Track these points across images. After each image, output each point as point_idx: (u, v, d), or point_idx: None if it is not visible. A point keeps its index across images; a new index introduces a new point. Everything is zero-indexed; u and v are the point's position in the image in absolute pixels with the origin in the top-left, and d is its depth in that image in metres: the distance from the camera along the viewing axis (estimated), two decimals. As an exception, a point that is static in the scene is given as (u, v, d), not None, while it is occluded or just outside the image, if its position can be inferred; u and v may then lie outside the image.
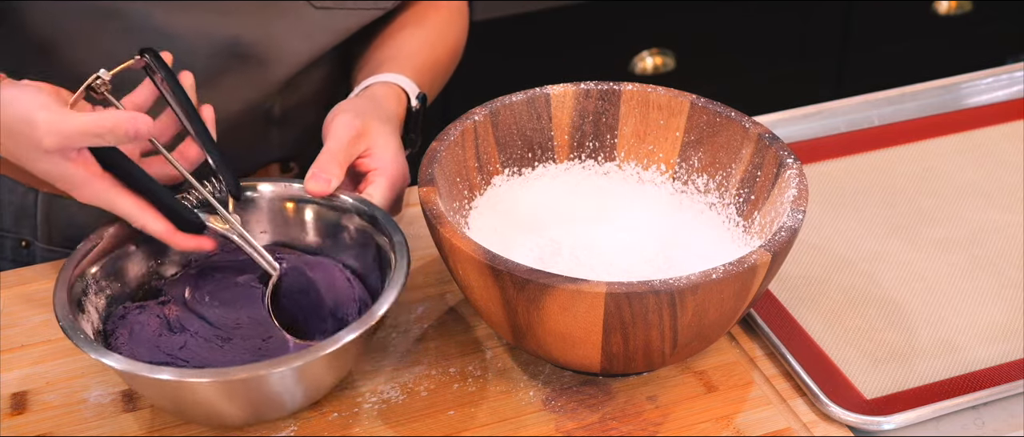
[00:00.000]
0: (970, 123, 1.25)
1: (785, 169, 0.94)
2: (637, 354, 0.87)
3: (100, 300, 0.92)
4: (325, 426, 0.90)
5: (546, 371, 0.95)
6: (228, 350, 0.91)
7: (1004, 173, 1.18)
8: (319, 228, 0.99)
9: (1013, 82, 1.30)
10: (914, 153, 1.21)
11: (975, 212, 1.13)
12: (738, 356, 0.97)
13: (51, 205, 1.15)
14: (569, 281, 0.82)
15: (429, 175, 0.92)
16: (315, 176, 0.96)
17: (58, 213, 1.15)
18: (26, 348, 0.97)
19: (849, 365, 0.96)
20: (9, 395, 0.93)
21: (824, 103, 1.25)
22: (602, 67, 2.09)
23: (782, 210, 0.92)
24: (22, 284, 1.03)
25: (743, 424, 0.91)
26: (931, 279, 1.05)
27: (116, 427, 0.90)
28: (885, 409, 0.91)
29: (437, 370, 0.95)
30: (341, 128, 0.98)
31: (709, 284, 0.83)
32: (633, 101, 1.02)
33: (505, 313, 0.87)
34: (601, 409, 0.92)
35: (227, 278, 0.96)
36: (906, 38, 2.35)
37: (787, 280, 1.04)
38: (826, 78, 2.34)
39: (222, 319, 0.94)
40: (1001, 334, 0.99)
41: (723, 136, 0.99)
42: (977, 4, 2.34)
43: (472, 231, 0.97)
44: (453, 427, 0.90)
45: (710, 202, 1.01)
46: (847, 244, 1.09)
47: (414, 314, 1.00)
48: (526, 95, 1.01)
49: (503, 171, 1.02)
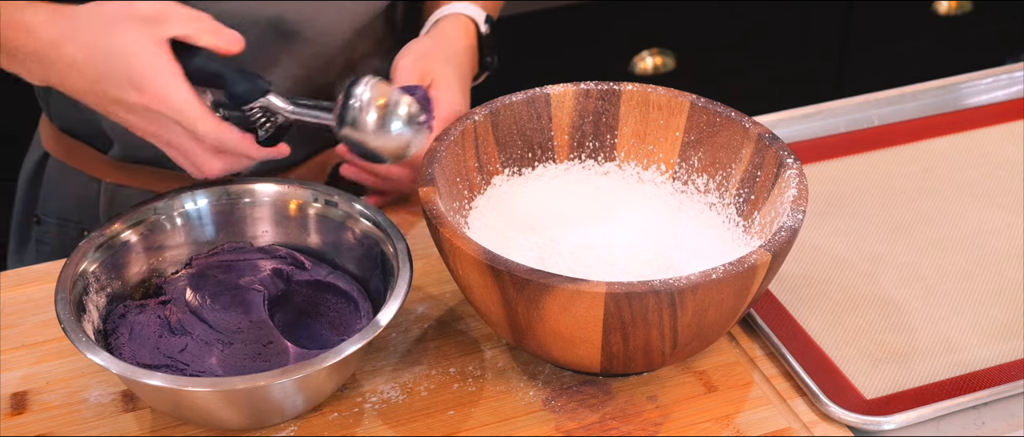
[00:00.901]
0: (970, 123, 1.25)
1: (785, 169, 0.94)
2: (637, 354, 0.87)
3: (101, 299, 0.92)
4: (325, 426, 0.90)
5: (546, 371, 0.95)
6: (228, 354, 0.91)
7: (1004, 173, 1.18)
8: (321, 230, 0.99)
9: (1013, 82, 1.30)
10: (914, 153, 1.21)
11: (975, 212, 1.13)
12: (738, 356, 0.97)
13: (114, 194, 1.16)
14: (569, 281, 0.82)
15: (429, 175, 0.92)
16: None
17: (120, 202, 1.17)
18: (26, 348, 0.97)
19: (849, 365, 0.96)
20: (9, 395, 0.93)
21: (824, 103, 1.25)
22: (602, 67, 2.09)
23: (782, 210, 0.92)
24: (22, 284, 1.03)
25: (743, 424, 0.91)
26: (931, 279, 1.05)
27: (116, 427, 0.90)
28: (885, 409, 0.91)
29: (437, 370, 0.95)
30: (403, 72, 1.03)
31: (709, 284, 0.83)
32: (633, 101, 1.02)
33: (505, 313, 0.87)
34: (601, 409, 0.92)
35: (228, 280, 0.96)
36: (906, 38, 2.34)
37: (787, 280, 1.04)
38: (826, 78, 2.34)
39: (223, 323, 0.93)
40: (1001, 334, 0.99)
41: (723, 136, 0.99)
42: (977, 4, 2.34)
43: (472, 231, 0.97)
44: (453, 427, 0.90)
45: (710, 202, 1.01)
46: (847, 244, 1.09)
47: (414, 314, 1.00)
48: (526, 95, 1.01)
49: (503, 171, 1.02)
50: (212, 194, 0.98)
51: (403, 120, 0.91)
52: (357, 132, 0.91)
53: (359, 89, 0.90)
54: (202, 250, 0.98)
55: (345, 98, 0.90)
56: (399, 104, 0.91)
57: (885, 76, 1.85)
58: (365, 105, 0.90)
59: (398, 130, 0.91)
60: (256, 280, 0.95)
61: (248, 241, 0.99)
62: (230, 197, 0.99)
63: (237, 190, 0.99)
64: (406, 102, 0.91)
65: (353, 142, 0.91)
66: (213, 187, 0.98)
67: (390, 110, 0.90)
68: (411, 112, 0.91)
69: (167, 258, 0.98)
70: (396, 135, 0.91)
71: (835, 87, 2.32)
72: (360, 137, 0.91)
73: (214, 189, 0.98)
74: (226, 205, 0.99)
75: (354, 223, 0.97)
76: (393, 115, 0.90)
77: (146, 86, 0.90)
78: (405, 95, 0.91)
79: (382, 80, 0.92)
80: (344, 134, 0.91)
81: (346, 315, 0.95)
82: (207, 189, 0.98)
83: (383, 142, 0.91)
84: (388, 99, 0.90)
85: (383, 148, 0.91)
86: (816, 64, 2.32)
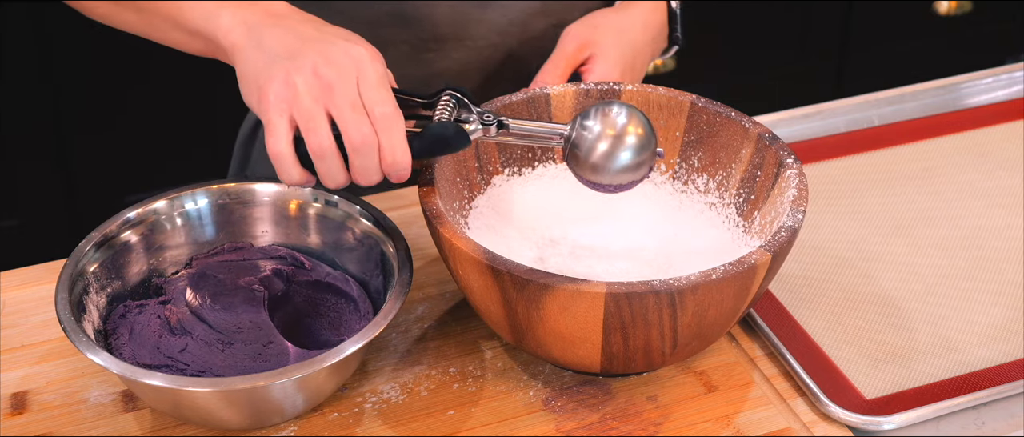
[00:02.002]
0: (970, 123, 1.25)
1: (785, 169, 0.94)
2: (637, 354, 0.87)
3: (101, 299, 0.92)
4: (325, 426, 0.90)
5: (546, 371, 0.95)
6: (229, 355, 0.91)
7: (1004, 173, 1.18)
8: (321, 230, 0.99)
9: (1013, 82, 1.30)
10: (914, 153, 1.21)
11: (975, 212, 1.13)
12: (738, 356, 0.97)
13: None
14: (569, 281, 0.82)
15: (429, 175, 0.92)
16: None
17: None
18: (26, 348, 0.97)
19: (849, 365, 0.96)
20: (9, 395, 0.93)
21: (824, 103, 1.25)
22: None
23: (782, 210, 0.92)
24: (22, 284, 1.03)
25: (743, 424, 0.91)
26: (931, 279, 1.05)
27: (116, 427, 0.90)
28: (885, 409, 0.91)
29: (437, 370, 0.95)
30: (567, 38, 1.04)
31: (709, 284, 0.83)
32: (633, 101, 1.01)
33: (505, 313, 0.87)
34: (601, 409, 0.92)
35: (228, 280, 0.96)
36: (906, 38, 2.35)
37: (787, 280, 1.04)
38: (826, 78, 2.34)
39: (223, 323, 0.94)
40: (1001, 334, 0.99)
41: (723, 136, 0.99)
42: (977, 4, 2.34)
43: (472, 231, 0.97)
44: (453, 427, 0.90)
45: (710, 202, 1.01)
46: (847, 244, 1.09)
47: (414, 314, 1.00)
48: (526, 95, 1.01)
49: (503, 171, 1.02)
50: (212, 194, 0.98)
51: (632, 151, 0.89)
52: (582, 166, 0.90)
53: (590, 122, 0.89)
54: (202, 250, 0.98)
55: (578, 129, 0.90)
56: (627, 136, 0.89)
57: (885, 76, 1.85)
58: (596, 137, 0.89)
59: (624, 164, 0.89)
60: (256, 280, 0.95)
61: (248, 241, 0.99)
62: (230, 197, 0.99)
63: (237, 190, 0.99)
64: (635, 134, 0.89)
65: (579, 173, 0.91)
66: (220, 186, 0.98)
67: (619, 143, 0.89)
68: (640, 143, 0.89)
69: (167, 258, 0.98)
70: (621, 170, 0.90)
71: (835, 87, 2.32)
72: (586, 166, 0.90)
73: (214, 189, 0.98)
74: (226, 205, 0.99)
75: (354, 223, 0.97)
76: (621, 148, 0.89)
77: (356, 37, 0.89)
78: (632, 123, 0.89)
79: (615, 107, 0.90)
80: (571, 164, 0.91)
81: (346, 315, 0.95)
82: (207, 189, 0.98)
83: (609, 178, 0.90)
84: (617, 131, 0.89)
85: (609, 181, 0.91)
86: (816, 64, 2.32)
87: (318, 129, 0.87)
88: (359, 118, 0.86)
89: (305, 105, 0.86)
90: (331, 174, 0.89)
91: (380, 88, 0.87)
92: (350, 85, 0.87)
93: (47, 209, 2.00)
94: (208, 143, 1.80)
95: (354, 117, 0.86)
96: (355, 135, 0.86)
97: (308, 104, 0.86)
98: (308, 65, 0.87)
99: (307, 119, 0.87)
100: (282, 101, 0.87)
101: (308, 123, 0.87)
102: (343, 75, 0.87)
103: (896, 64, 2.33)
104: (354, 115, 0.86)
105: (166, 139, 1.99)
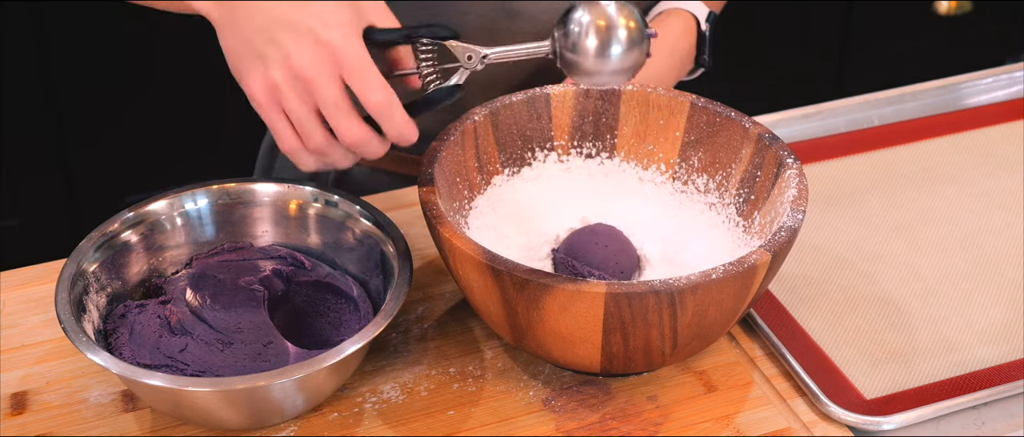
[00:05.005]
0: (970, 123, 1.25)
1: (785, 169, 0.94)
2: (637, 354, 0.87)
3: (101, 299, 0.92)
4: (325, 426, 0.90)
5: (546, 371, 0.95)
6: (228, 355, 0.91)
7: (1004, 173, 1.18)
8: (321, 230, 0.99)
9: (1013, 82, 1.30)
10: (914, 153, 1.21)
11: (975, 212, 1.13)
12: (738, 356, 0.97)
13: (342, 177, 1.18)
14: (569, 281, 0.82)
15: (429, 175, 0.92)
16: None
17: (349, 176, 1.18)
18: (26, 348, 0.97)
19: (849, 365, 0.96)
20: (9, 395, 0.93)
21: (824, 103, 1.25)
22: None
23: (782, 210, 0.92)
24: (22, 284, 1.03)
25: (743, 424, 0.91)
26: (931, 279, 1.05)
27: (116, 427, 0.90)
28: (885, 409, 0.91)
29: (437, 370, 0.95)
30: None
31: (709, 284, 0.83)
32: (633, 101, 1.02)
33: (505, 313, 0.87)
34: (601, 409, 0.92)
35: (228, 280, 0.96)
36: (906, 38, 2.35)
37: (787, 280, 1.04)
38: (826, 78, 2.34)
39: (223, 323, 0.94)
40: (1001, 334, 0.99)
41: (723, 136, 1.00)
42: (977, 4, 2.34)
43: (472, 231, 0.97)
44: (453, 427, 0.90)
45: (710, 202, 1.01)
46: (847, 244, 1.09)
47: (414, 314, 1.00)
48: (526, 95, 1.01)
49: (503, 171, 1.02)
50: (212, 194, 0.98)
51: (624, 41, 0.89)
52: (579, 57, 0.89)
53: (577, 14, 0.89)
54: (202, 250, 0.98)
55: (563, 25, 0.89)
56: (618, 26, 0.89)
57: (885, 76, 1.85)
58: (585, 29, 0.89)
59: (620, 52, 0.89)
60: (256, 280, 0.95)
61: (248, 241, 0.99)
62: (230, 197, 0.99)
63: (237, 190, 0.99)
64: (625, 21, 0.89)
65: (575, 66, 0.90)
66: (220, 186, 0.98)
67: (611, 32, 0.89)
68: (631, 34, 0.89)
69: (167, 258, 0.98)
70: (619, 57, 0.89)
71: (835, 87, 2.32)
72: (582, 61, 0.89)
73: (214, 189, 0.98)
74: (226, 205, 0.99)
75: (354, 223, 0.97)
76: (614, 37, 0.89)
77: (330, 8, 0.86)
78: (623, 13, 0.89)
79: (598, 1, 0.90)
80: (566, 60, 0.90)
81: (346, 315, 0.95)
82: (207, 189, 0.98)
83: (606, 64, 0.89)
84: (607, 20, 0.89)
85: (608, 69, 0.90)
86: (816, 64, 2.32)
87: (311, 132, 0.88)
88: (347, 118, 0.87)
89: (294, 107, 0.87)
90: (338, 161, 0.90)
91: (364, 74, 0.86)
92: (331, 79, 0.86)
93: (47, 209, 2.00)
94: (208, 143, 1.80)
95: (342, 118, 0.87)
96: (347, 137, 0.87)
97: (296, 106, 0.87)
98: (281, 57, 0.86)
99: (299, 123, 0.88)
100: (272, 101, 0.87)
101: (300, 127, 0.88)
102: (321, 69, 0.86)
103: (896, 64, 2.33)
104: (340, 114, 0.87)
105: (166, 139, 2.00)
